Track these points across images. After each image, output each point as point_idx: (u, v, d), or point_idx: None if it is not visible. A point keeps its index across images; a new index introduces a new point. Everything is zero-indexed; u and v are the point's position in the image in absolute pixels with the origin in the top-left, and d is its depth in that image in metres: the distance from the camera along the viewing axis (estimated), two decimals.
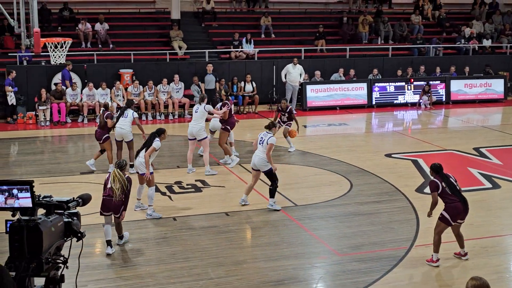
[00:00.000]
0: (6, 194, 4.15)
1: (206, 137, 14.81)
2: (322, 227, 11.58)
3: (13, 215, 4.20)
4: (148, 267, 9.59)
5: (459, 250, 9.95)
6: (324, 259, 10.02)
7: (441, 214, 9.62)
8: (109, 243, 10.08)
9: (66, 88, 21.31)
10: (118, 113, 15.17)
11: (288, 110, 17.03)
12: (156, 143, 11.79)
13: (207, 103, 15.02)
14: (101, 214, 10.14)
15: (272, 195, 12.27)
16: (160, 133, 12.01)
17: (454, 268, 9.70)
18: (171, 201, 12.84)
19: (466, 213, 9.67)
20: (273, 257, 9.96)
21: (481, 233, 11.12)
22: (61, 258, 4.40)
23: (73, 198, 4.75)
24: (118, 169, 10.11)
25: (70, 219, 4.54)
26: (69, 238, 4.58)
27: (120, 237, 10.43)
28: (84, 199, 4.90)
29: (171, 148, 17.29)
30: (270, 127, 12.40)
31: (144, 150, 11.80)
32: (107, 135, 14.58)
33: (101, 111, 15.51)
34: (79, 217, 4.68)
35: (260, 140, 12.20)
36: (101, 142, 14.67)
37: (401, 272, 9.46)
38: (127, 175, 10.22)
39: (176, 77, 22.33)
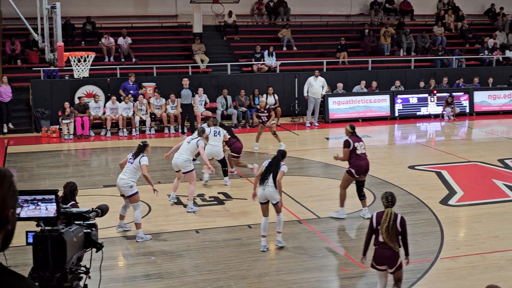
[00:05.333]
0: (32, 203, 4.16)
1: (193, 169, 13.10)
2: (345, 239, 11.51)
3: (38, 225, 4.20)
4: (171, 279, 9.58)
5: None
6: (347, 271, 9.94)
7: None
8: None
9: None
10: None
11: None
12: (284, 167, 10.65)
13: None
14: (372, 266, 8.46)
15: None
16: (285, 155, 10.90)
17: (480, 281, 9.56)
18: (194, 213, 12.85)
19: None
20: (296, 269, 9.91)
21: (507, 245, 10.96)
22: (83, 268, 4.40)
23: (92, 208, 4.77)
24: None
25: (89, 230, 4.55)
26: (89, 249, 4.58)
27: None
28: (103, 210, 4.97)
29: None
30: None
31: (271, 176, 10.56)
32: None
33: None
34: (96, 228, 4.69)
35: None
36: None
37: (426, 285, 9.35)
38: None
39: (200, 90, 22.33)
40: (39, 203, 4.13)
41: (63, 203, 8.97)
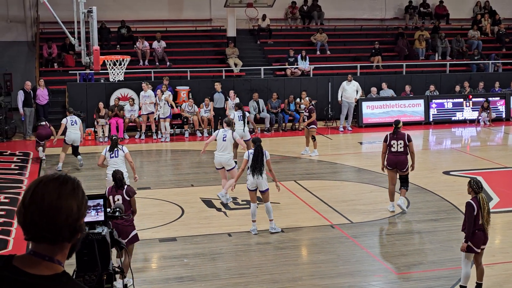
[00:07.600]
0: (94, 209, 4.21)
1: (235, 166, 13.80)
2: (378, 244, 11.43)
3: None
4: (203, 282, 9.61)
5: None
6: (380, 277, 9.87)
7: None
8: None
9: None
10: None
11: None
12: (267, 153, 11.82)
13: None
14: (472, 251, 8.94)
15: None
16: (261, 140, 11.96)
17: None
18: (226, 217, 12.88)
19: None
20: (329, 274, 9.87)
21: None
22: (117, 269, 4.45)
23: (113, 209, 4.82)
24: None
25: (111, 230, 4.60)
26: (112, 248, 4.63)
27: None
28: (122, 209, 5.10)
29: None
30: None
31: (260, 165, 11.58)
32: None
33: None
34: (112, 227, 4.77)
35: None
36: None
37: None
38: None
39: (231, 92, 22.32)
40: (102, 208, 4.20)
41: (119, 187, 9.27)
